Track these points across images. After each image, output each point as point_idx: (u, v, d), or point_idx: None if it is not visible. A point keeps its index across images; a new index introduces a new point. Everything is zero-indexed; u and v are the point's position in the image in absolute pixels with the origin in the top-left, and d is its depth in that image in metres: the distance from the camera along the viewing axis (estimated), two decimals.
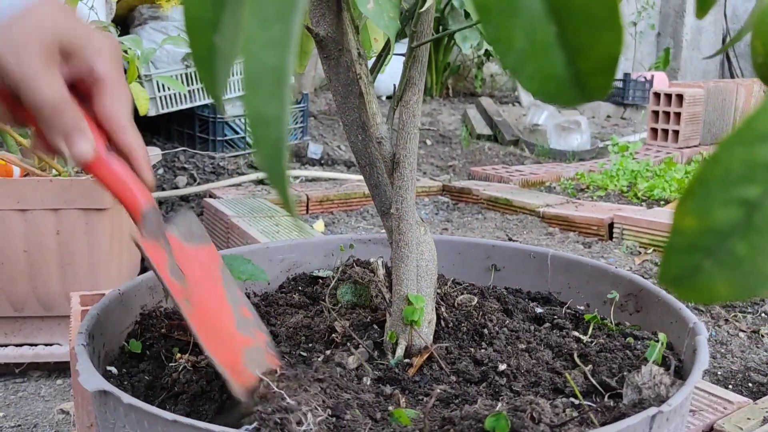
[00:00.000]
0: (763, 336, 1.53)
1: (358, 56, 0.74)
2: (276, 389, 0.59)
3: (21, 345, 1.72)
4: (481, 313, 0.84)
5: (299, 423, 0.57)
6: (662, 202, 2.69)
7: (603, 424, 0.59)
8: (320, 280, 0.99)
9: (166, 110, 2.93)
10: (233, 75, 3.00)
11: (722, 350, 1.47)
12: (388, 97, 4.90)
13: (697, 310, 1.63)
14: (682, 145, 3.64)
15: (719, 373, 1.37)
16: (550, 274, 0.99)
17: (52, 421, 1.53)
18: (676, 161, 3.26)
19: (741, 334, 1.54)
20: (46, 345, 1.72)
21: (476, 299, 0.86)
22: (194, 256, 0.71)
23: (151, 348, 0.81)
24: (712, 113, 3.77)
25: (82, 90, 0.63)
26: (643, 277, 1.40)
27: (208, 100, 3.03)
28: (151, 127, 3.42)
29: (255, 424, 0.56)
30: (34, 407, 1.58)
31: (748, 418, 0.96)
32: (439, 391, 0.65)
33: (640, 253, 2.09)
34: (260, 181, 2.83)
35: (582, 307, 0.93)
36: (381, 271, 0.83)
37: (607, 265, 0.94)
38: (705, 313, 1.63)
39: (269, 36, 0.21)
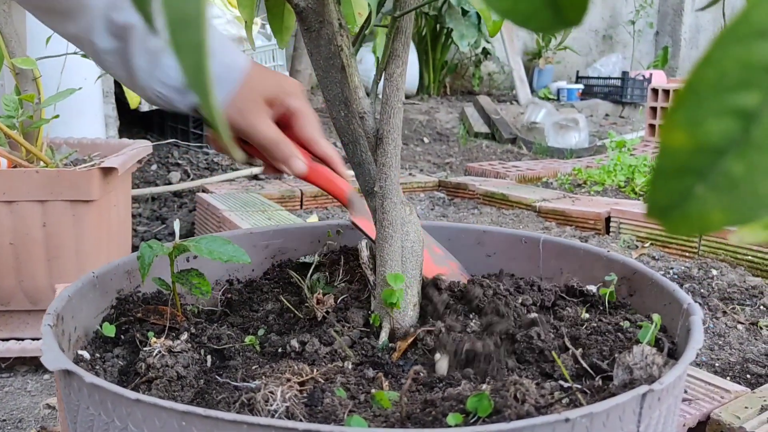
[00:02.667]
0: (761, 328, 1.50)
1: (339, 27, 0.71)
2: None
3: (7, 339, 1.69)
4: (469, 297, 0.81)
5: (267, 401, 0.54)
6: None
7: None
8: (306, 267, 0.96)
9: None
10: None
11: (720, 342, 1.44)
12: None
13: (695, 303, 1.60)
14: None
15: (717, 364, 1.34)
16: (542, 259, 0.96)
17: (38, 416, 1.50)
18: None
19: (739, 326, 1.51)
20: (33, 339, 1.69)
21: (464, 282, 0.83)
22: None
23: (126, 332, 0.78)
24: None
25: (283, 121, 0.84)
26: None
27: None
28: (145, 123, 3.39)
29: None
30: (20, 402, 1.55)
31: (746, 407, 0.93)
32: (414, 373, 0.62)
33: (637, 246, 2.06)
34: (254, 177, 2.80)
35: None
36: (365, 253, 0.80)
37: (600, 248, 0.92)
38: (702, 305, 1.60)
39: None
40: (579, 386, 0.63)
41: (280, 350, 0.74)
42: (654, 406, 0.54)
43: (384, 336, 0.74)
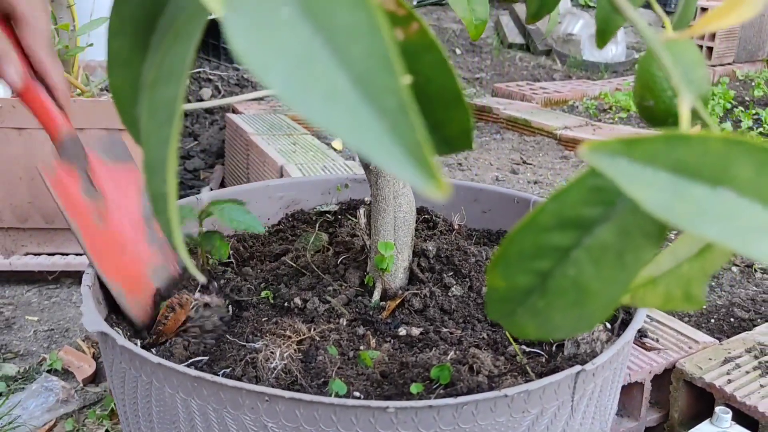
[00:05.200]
0: (755, 271, 1.58)
1: None
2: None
3: (53, 254, 1.85)
4: (457, 260, 0.91)
5: (267, 360, 0.65)
6: None
7: (540, 375, 0.67)
8: (313, 218, 1.06)
9: None
10: None
11: (712, 284, 1.52)
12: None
13: None
14: (715, 63, 3.55)
15: (704, 307, 1.43)
16: None
17: (82, 326, 1.67)
18: None
19: (734, 269, 1.58)
20: (77, 255, 1.84)
21: (453, 248, 0.92)
22: (113, 173, 0.81)
23: None
24: (749, 29, 3.64)
25: (11, 23, 0.72)
26: None
27: None
28: None
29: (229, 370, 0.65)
30: (66, 312, 1.72)
31: (710, 359, 1.03)
32: (386, 350, 0.72)
33: None
34: None
35: None
36: (363, 220, 0.89)
37: None
38: None
39: (162, 135, 0.27)
40: (540, 352, 0.73)
41: (286, 305, 0.85)
42: (588, 380, 0.64)
43: (376, 296, 0.84)
